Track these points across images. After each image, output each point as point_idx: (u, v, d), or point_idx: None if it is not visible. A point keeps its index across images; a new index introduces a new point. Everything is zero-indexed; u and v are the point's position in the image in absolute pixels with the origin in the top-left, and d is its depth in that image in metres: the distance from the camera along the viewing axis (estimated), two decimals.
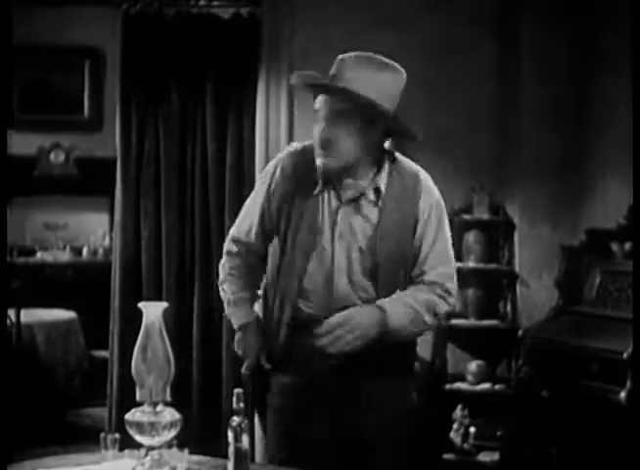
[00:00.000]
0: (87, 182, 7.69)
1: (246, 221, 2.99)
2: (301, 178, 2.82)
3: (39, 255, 7.71)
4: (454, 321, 5.15)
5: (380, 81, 2.79)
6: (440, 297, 2.80)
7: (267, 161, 5.15)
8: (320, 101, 2.79)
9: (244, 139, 5.21)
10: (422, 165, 2.97)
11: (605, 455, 3.98)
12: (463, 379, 5.23)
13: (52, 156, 7.87)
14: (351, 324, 2.69)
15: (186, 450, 2.86)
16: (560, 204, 5.26)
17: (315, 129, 2.79)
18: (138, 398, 2.70)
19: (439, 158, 5.24)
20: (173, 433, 2.72)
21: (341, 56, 2.85)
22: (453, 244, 2.94)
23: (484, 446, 5.02)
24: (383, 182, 2.81)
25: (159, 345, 2.69)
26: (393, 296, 2.77)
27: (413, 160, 2.95)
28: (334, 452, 2.81)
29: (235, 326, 3.08)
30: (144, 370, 2.68)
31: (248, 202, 3.03)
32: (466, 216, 5.24)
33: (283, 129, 5.15)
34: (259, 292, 3.08)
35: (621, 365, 3.93)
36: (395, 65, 2.86)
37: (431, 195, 2.86)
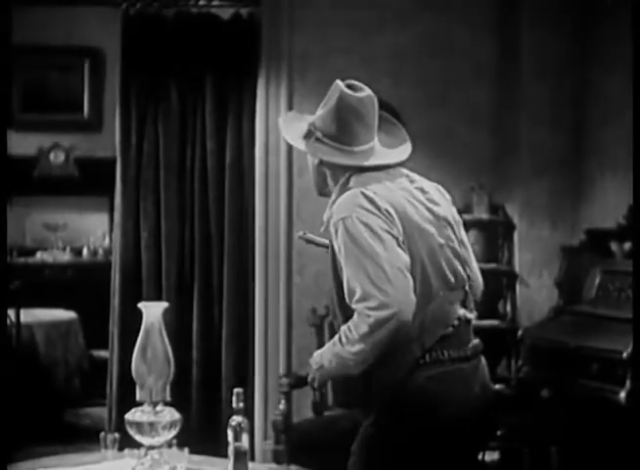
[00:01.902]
0: (87, 182, 7.70)
1: None
2: None
3: (39, 255, 7.71)
4: None
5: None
6: (353, 321, 2.58)
7: (267, 160, 5.17)
8: None
9: (243, 139, 5.21)
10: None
11: (605, 455, 3.98)
12: None
13: (52, 156, 7.88)
14: (310, 362, 2.79)
15: (186, 450, 2.87)
16: (559, 203, 5.26)
17: None
18: (138, 397, 2.72)
19: (439, 157, 5.24)
20: (173, 433, 2.73)
21: None
22: None
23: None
24: (326, 215, 2.77)
25: (158, 345, 2.70)
26: None
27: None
28: None
29: None
30: (144, 370, 2.69)
31: None
32: (465, 216, 5.19)
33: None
34: None
35: (621, 365, 3.92)
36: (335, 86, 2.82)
37: (337, 215, 2.64)
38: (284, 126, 2.94)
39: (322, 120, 2.82)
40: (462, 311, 2.74)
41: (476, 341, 2.79)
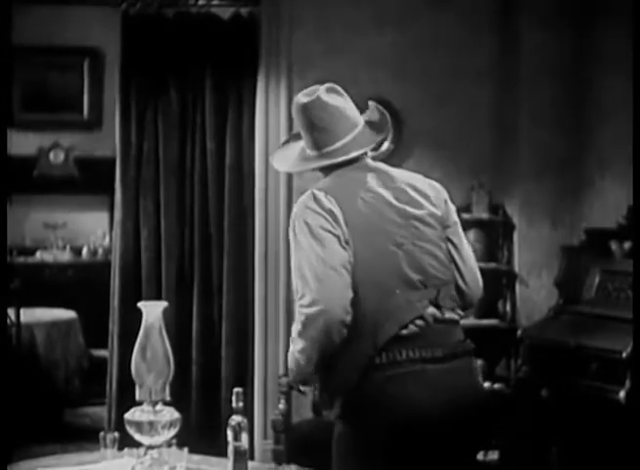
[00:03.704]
0: (87, 182, 7.70)
1: None
2: None
3: (39, 254, 7.71)
4: None
5: None
6: (295, 319, 2.67)
7: (267, 160, 5.17)
8: None
9: (243, 139, 5.21)
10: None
11: (604, 454, 3.99)
12: None
13: (51, 155, 7.88)
14: None
15: (185, 449, 2.87)
16: (559, 203, 5.26)
17: None
18: (138, 397, 2.72)
19: (439, 157, 5.24)
20: (173, 432, 2.73)
21: None
22: None
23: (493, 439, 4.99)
24: None
25: (158, 344, 2.70)
26: None
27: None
28: None
29: None
30: (144, 369, 2.69)
31: None
32: (465, 216, 5.22)
33: (282, 129, 5.15)
34: None
35: (621, 365, 3.93)
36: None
37: (292, 216, 2.74)
38: (275, 162, 3.01)
39: None
40: (430, 311, 2.68)
41: (457, 342, 2.72)
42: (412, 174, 2.88)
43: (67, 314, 6.47)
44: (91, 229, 7.90)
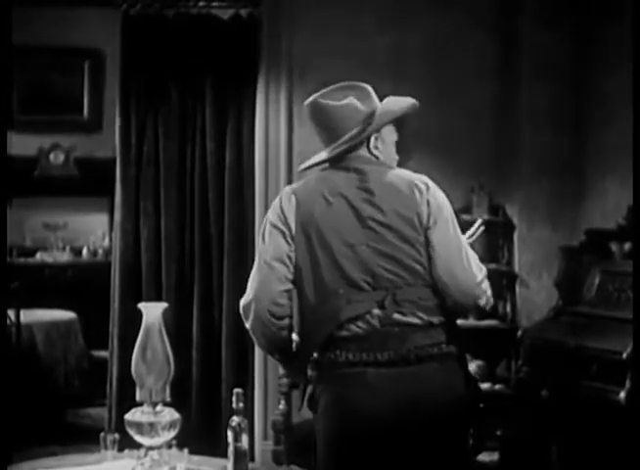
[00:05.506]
0: (87, 183, 7.71)
1: None
2: None
3: (39, 255, 7.72)
4: None
5: None
6: None
7: (267, 161, 5.18)
8: None
9: (243, 139, 5.21)
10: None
11: (604, 455, 3.99)
12: None
13: (52, 156, 7.88)
14: None
15: (185, 450, 2.88)
16: (559, 204, 5.26)
17: None
18: (138, 398, 2.72)
19: (439, 158, 5.24)
20: (173, 433, 2.73)
21: None
22: None
23: (484, 446, 5.00)
24: None
25: (158, 345, 2.70)
26: None
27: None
28: None
29: None
30: (144, 370, 2.69)
31: None
32: (465, 217, 5.22)
33: (282, 130, 5.16)
34: None
35: (621, 365, 3.93)
36: None
37: None
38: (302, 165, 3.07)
39: None
40: (376, 312, 2.64)
41: (414, 347, 2.63)
42: (397, 174, 2.85)
43: (66, 315, 6.48)
44: (91, 230, 7.91)
